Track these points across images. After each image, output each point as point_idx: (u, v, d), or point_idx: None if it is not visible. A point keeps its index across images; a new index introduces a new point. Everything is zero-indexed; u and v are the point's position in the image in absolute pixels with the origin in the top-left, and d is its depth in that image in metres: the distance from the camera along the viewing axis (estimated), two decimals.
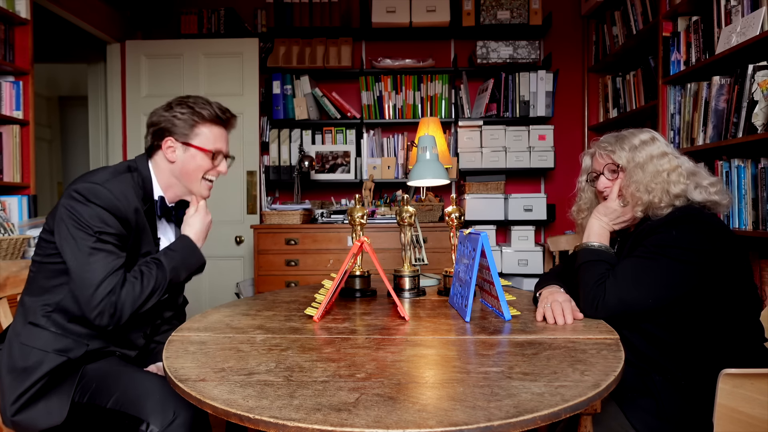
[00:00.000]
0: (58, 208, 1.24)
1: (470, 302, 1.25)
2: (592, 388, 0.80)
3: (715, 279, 1.16)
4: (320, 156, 3.48)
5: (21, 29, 2.50)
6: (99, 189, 1.23)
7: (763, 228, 1.94)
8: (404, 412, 0.72)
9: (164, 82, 3.45)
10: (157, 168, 1.39)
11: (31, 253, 2.29)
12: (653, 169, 1.26)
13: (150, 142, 1.38)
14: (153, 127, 1.37)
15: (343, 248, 3.00)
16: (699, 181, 1.28)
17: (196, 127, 1.36)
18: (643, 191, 1.26)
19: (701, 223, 1.19)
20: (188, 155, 1.36)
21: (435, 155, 1.86)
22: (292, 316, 1.34)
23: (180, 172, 1.37)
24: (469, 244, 1.34)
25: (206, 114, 1.36)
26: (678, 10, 2.44)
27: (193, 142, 1.36)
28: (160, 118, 1.36)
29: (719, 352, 1.16)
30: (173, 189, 1.41)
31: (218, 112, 1.39)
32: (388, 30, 3.41)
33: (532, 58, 3.38)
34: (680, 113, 2.46)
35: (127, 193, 1.27)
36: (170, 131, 1.35)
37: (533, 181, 3.67)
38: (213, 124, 1.38)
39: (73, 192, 1.23)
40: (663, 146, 1.31)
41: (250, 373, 0.89)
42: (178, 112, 1.35)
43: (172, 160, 1.36)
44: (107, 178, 1.27)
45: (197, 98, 1.38)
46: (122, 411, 1.15)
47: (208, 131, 1.38)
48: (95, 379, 1.22)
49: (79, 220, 1.20)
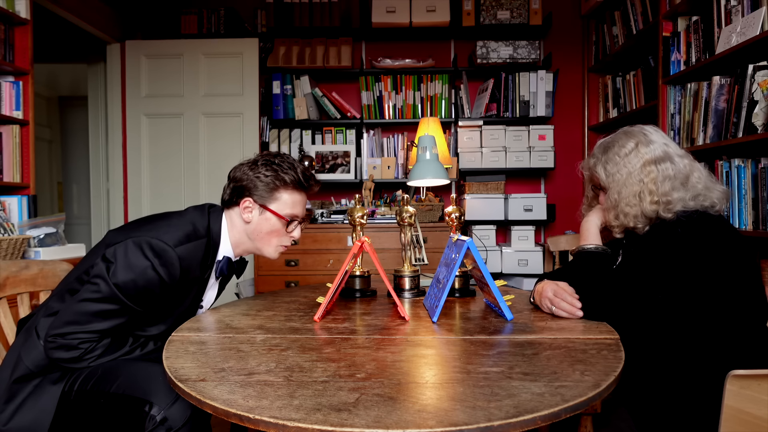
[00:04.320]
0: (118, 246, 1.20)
1: (441, 304, 1.25)
2: (592, 388, 0.80)
3: (722, 281, 1.15)
4: (320, 156, 3.48)
5: (21, 29, 2.50)
6: (171, 255, 1.21)
7: (763, 228, 1.94)
8: (404, 412, 0.72)
9: (164, 82, 3.45)
10: (231, 224, 1.38)
11: (31, 253, 2.29)
12: (628, 192, 1.26)
13: (229, 197, 1.37)
14: (235, 183, 1.35)
15: (343, 248, 3.00)
16: (692, 187, 1.24)
17: (276, 191, 1.35)
18: (616, 214, 1.28)
19: (708, 226, 1.18)
20: (263, 218, 1.35)
21: (435, 155, 1.86)
22: (292, 316, 1.33)
23: (253, 232, 1.37)
24: (455, 248, 1.35)
25: (288, 179, 1.35)
26: (678, 10, 2.44)
27: (271, 206, 1.35)
28: (243, 176, 1.34)
29: (725, 353, 1.15)
30: (243, 246, 1.40)
31: (301, 178, 1.37)
32: (388, 30, 3.41)
33: (532, 58, 3.38)
34: (680, 113, 2.46)
35: (192, 264, 1.26)
36: (250, 191, 1.33)
37: (533, 181, 3.66)
38: (294, 190, 1.37)
39: (143, 243, 1.19)
40: (650, 151, 1.26)
41: (250, 373, 0.89)
42: (262, 173, 1.33)
43: (248, 221, 1.35)
44: (182, 240, 1.24)
45: (284, 160, 1.36)
46: (126, 394, 1.15)
47: (288, 197, 1.36)
48: (101, 365, 1.22)
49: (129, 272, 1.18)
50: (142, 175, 3.51)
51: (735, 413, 0.81)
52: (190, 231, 1.28)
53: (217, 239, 1.36)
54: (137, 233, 1.22)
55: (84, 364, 1.20)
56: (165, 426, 1.09)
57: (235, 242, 1.39)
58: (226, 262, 1.38)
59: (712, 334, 1.16)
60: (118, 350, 1.24)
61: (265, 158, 1.36)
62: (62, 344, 1.18)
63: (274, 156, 1.37)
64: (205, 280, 1.37)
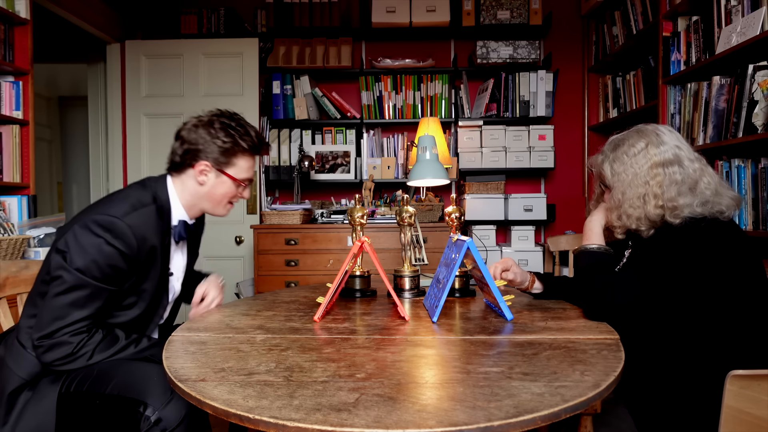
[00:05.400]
0: (67, 234, 1.20)
1: (441, 304, 1.25)
2: (592, 389, 0.80)
3: (727, 282, 1.15)
4: (320, 156, 3.48)
5: (21, 29, 2.50)
6: (119, 225, 1.20)
7: (764, 228, 1.94)
8: (404, 412, 0.72)
9: (164, 82, 3.45)
10: (182, 187, 1.37)
11: (31, 253, 2.29)
12: (632, 193, 1.24)
13: (181, 159, 1.35)
14: (189, 145, 1.33)
15: (343, 248, 3.00)
16: (701, 193, 1.22)
17: (234, 157, 1.35)
18: (619, 214, 1.27)
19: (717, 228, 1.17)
20: (219, 181, 1.36)
21: (435, 155, 1.86)
22: (292, 316, 1.33)
23: (207, 195, 1.36)
24: (455, 248, 1.35)
25: (246, 145, 1.35)
26: (678, 10, 2.44)
27: (228, 171, 1.35)
28: (199, 139, 1.32)
29: (727, 354, 1.15)
30: (196, 208, 1.40)
31: (258, 143, 1.38)
32: (388, 30, 3.41)
33: (532, 58, 3.38)
34: (680, 113, 2.46)
35: (146, 232, 1.25)
36: (207, 155, 1.33)
37: (533, 181, 3.66)
38: (250, 156, 1.38)
39: (89, 222, 1.20)
40: (660, 153, 1.24)
41: (250, 373, 0.89)
42: (221, 138, 1.32)
43: (202, 183, 1.35)
44: (127, 210, 1.23)
45: (239, 124, 1.36)
46: (121, 395, 1.14)
47: (245, 163, 1.37)
48: (96, 366, 1.22)
49: (84, 254, 1.17)
50: (142, 175, 3.48)
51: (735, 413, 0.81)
52: (135, 201, 1.27)
53: (167, 205, 1.34)
54: (82, 218, 1.22)
55: (80, 361, 1.19)
56: (160, 426, 1.09)
57: (187, 205, 1.38)
58: (183, 226, 1.37)
59: (713, 334, 1.16)
60: (111, 346, 1.23)
61: (221, 121, 1.34)
62: (52, 344, 1.17)
63: (229, 119, 1.35)
64: (167, 247, 1.35)
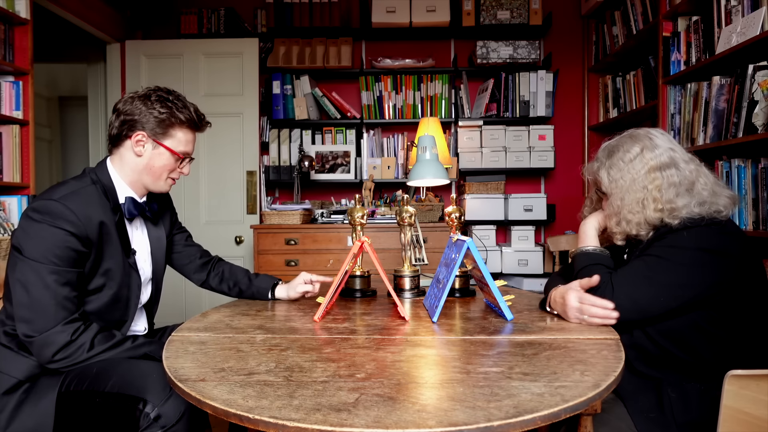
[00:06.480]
0: (16, 230, 1.20)
1: (441, 304, 1.25)
2: (592, 389, 0.80)
3: (728, 282, 1.15)
4: (320, 156, 3.48)
5: (21, 29, 2.50)
6: (55, 206, 1.20)
7: (764, 228, 1.94)
8: (404, 412, 0.72)
9: (164, 82, 3.39)
10: (121, 163, 1.35)
11: None
12: (631, 199, 1.24)
13: (118, 131, 1.33)
14: (125, 116, 1.32)
15: (343, 248, 3.00)
16: (698, 194, 1.22)
17: (171, 128, 1.34)
18: (618, 220, 1.26)
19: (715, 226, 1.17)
20: (156, 153, 1.34)
21: (435, 155, 1.86)
22: (292, 316, 1.33)
23: (144, 167, 1.35)
24: (455, 248, 1.35)
25: (184, 118, 1.35)
26: (678, 10, 2.44)
27: (165, 143, 1.34)
28: (135, 109, 1.32)
29: (728, 355, 1.15)
30: (139, 183, 1.38)
31: (195, 117, 1.37)
32: (388, 30, 3.41)
33: (532, 58, 3.38)
34: (680, 113, 2.46)
35: (89, 209, 1.24)
36: (143, 125, 1.32)
37: (533, 181, 3.66)
38: (188, 129, 1.37)
39: (29, 211, 1.20)
40: (655, 156, 1.24)
41: (249, 373, 0.89)
42: (157, 109, 1.31)
43: (139, 154, 1.33)
44: (64, 193, 1.23)
45: (177, 98, 1.36)
46: (120, 393, 1.14)
47: (183, 135, 1.36)
48: (95, 364, 1.22)
49: (34, 241, 1.17)
50: None
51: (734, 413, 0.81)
52: (72, 186, 1.27)
53: (109, 183, 1.33)
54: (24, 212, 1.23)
55: (80, 353, 1.19)
56: (159, 423, 1.09)
57: (130, 181, 1.36)
58: (131, 202, 1.35)
59: (713, 334, 1.16)
60: (109, 339, 1.23)
61: (158, 94, 1.34)
62: (45, 340, 1.17)
63: (167, 93, 1.35)
64: (122, 225, 1.34)
